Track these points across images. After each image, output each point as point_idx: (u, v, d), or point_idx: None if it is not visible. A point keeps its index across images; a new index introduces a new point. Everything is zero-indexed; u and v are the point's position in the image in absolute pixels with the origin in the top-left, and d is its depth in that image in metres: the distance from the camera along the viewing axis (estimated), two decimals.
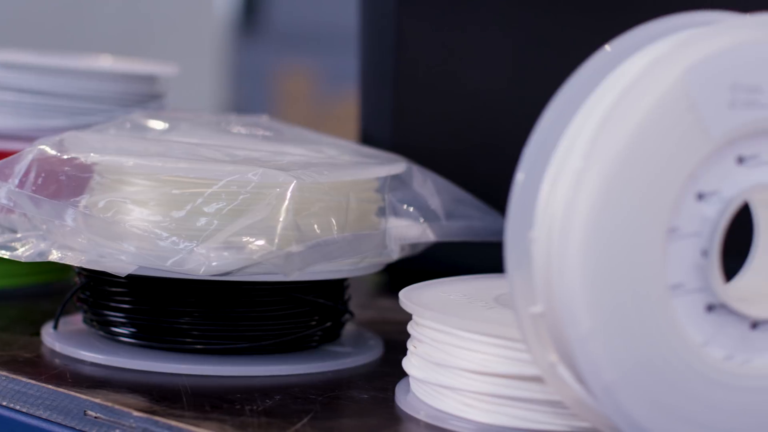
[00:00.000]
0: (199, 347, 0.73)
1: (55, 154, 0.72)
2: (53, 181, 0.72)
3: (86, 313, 0.76)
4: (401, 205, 0.76)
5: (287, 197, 0.68)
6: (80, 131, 0.76)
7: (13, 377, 0.69)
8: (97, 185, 0.73)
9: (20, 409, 0.68)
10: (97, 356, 0.72)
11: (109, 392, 0.67)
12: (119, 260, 0.69)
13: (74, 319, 0.79)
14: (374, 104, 0.96)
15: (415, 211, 0.77)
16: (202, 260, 0.67)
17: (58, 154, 0.72)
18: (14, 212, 0.73)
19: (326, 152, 0.77)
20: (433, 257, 0.85)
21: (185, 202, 0.69)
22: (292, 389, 0.68)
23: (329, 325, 0.75)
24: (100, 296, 0.74)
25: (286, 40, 3.30)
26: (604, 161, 0.54)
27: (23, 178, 0.72)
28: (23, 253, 0.71)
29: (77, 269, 0.76)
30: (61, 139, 0.74)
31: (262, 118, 0.85)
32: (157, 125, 0.80)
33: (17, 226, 0.73)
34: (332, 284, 0.75)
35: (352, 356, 0.75)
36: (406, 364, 0.67)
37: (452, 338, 0.63)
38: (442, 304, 0.66)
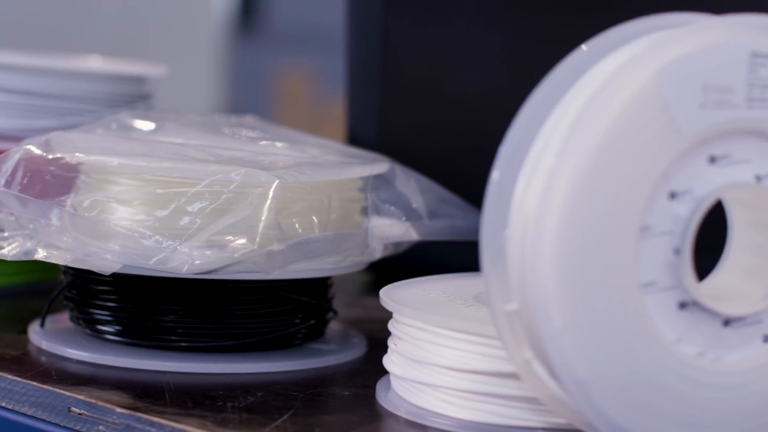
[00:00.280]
0: (183, 345, 0.73)
1: (41, 153, 0.73)
2: (39, 180, 0.72)
3: (72, 311, 0.77)
4: (384, 204, 0.77)
5: (269, 196, 0.68)
6: (67, 131, 0.77)
7: None
8: (83, 185, 0.74)
9: (5, 405, 0.69)
10: (82, 354, 0.73)
11: (93, 389, 0.67)
12: (104, 259, 0.70)
13: (61, 317, 0.80)
14: (361, 105, 0.96)
15: (398, 210, 0.77)
16: (185, 259, 0.68)
17: (44, 153, 0.73)
18: (1, 212, 0.74)
19: (310, 152, 0.78)
20: (420, 256, 0.86)
21: (169, 201, 0.70)
22: (274, 386, 0.69)
23: (313, 323, 0.76)
24: (86, 295, 0.75)
25: (284, 40, 3.31)
26: (576, 160, 0.54)
27: (10, 177, 0.72)
28: (9, 251, 0.72)
29: (63, 268, 0.76)
30: (47, 139, 0.75)
31: (247, 118, 0.85)
32: (143, 125, 0.80)
33: (4, 225, 0.74)
34: (316, 283, 0.76)
35: (335, 354, 0.76)
36: (386, 361, 0.68)
37: (431, 335, 0.64)
38: (421, 302, 0.67)
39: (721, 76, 0.56)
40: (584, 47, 0.59)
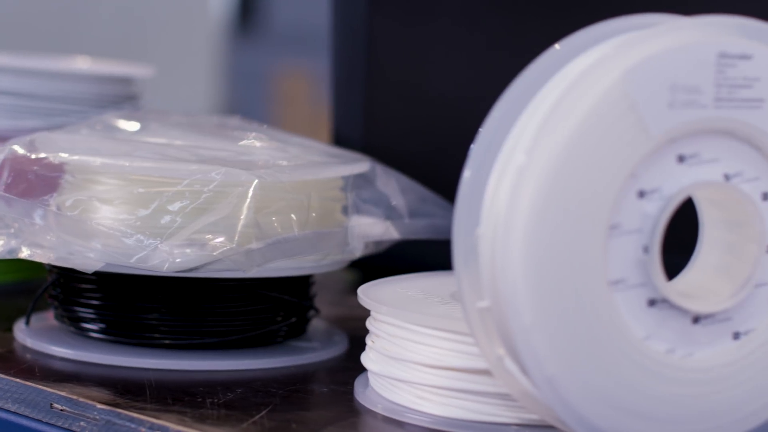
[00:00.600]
0: (166, 342, 0.74)
1: (25, 153, 0.74)
2: (23, 180, 0.73)
3: (57, 309, 0.78)
4: (365, 203, 0.78)
5: (249, 196, 0.69)
6: (51, 132, 0.78)
7: None
8: (67, 184, 0.75)
9: None
10: (66, 351, 0.74)
11: (75, 386, 0.68)
12: (87, 257, 0.71)
13: (47, 315, 0.81)
14: (345, 105, 0.97)
15: (378, 209, 0.78)
16: (165, 257, 0.69)
17: (28, 153, 0.74)
18: None
19: (291, 152, 0.79)
20: (405, 255, 0.86)
21: (150, 200, 0.71)
22: (254, 383, 0.70)
23: (294, 320, 0.77)
24: (70, 293, 0.76)
25: (283, 41, 3.31)
26: (545, 158, 0.55)
27: None
28: None
29: (48, 267, 0.77)
30: (32, 139, 0.76)
31: (231, 118, 0.86)
32: (127, 126, 0.81)
33: None
34: (297, 281, 0.77)
35: (316, 351, 0.77)
36: (364, 358, 0.69)
37: (407, 333, 0.65)
38: (398, 299, 0.68)
39: (689, 76, 0.57)
40: (557, 46, 0.60)
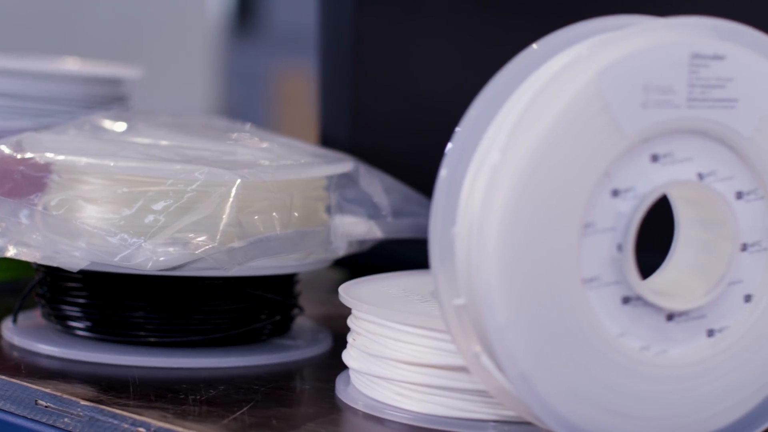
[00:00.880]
0: (152, 340, 0.75)
1: (11, 153, 0.75)
2: (9, 180, 0.74)
3: (44, 307, 0.78)
4: (349, 203, 0.79)
5: (231, 195, 0.70)
6: (38, 132, 0.79)
7: None
8: (54, 184, 0.76)
9: None
10: (52, 349, 0.75)
11: (60, 383, 0.69)
12: (72, 256, 0.72)
13: (35, 313, 0.82)
14: (333, 105, 0.98)
15: (362, 208, 0.79)
16: (149, 255, 0.70)
17: (14, 154, 0.75)
18: None
19: (275, 152, 0.79)
20: (394, 254, 0.87)
21: (134, 200, 0.71)
22: (237, 380, 0.71)
23: (278, 319, 0.78)
24: (56, 291, 0.77)
25: (282, 41, 3.32)
26: (519, 158, 0.56)
27: None
28: None
29: (35, 265, 0.78)
30: (18, 139, 0.76)
31: (219, 118, 0.87)
32: (114, 126, 0.82)
33: None
34: (282, 279, 0.77)
35: (300, 349, 0.77)
36: (345, 356, 0.69)
37: (386, 330, 0.65)
38: (379, 297, 0.68)
39: (662, 76, 0.58)
40: (535, 46, 0.60)
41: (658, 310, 0.59)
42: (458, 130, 0.60)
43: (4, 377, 0.70)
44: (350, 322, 0.69)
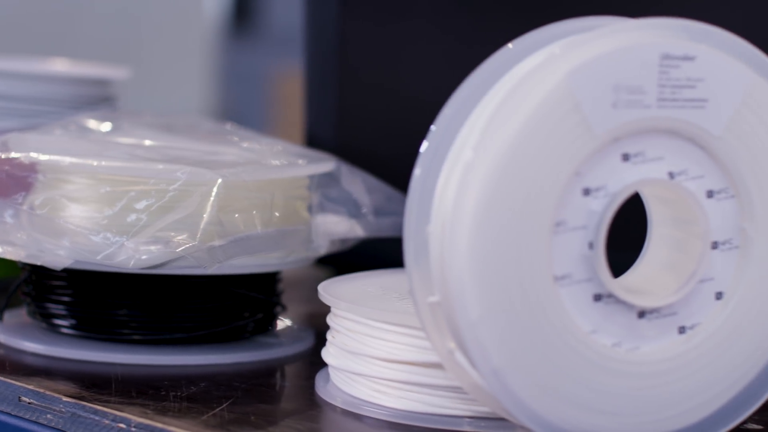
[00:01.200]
0: (136, 338, 0.76)
1: None
2: None
3: (29, 306, 0.79)
4: (331, 202, 0.80)
5: (212, 194, 0.71)
6: (24, 132, 0.80)
7: None
8: (40, 184, 0.77)
9: None
10: (37, 347, 0.76)
11: (43, 380, 0.70)
12: (56, 255, 0.72)
13: (21, 312, 0.83)
14: (318, 106, 0.99)
15: (344, 207, 0.80)
16: (131, 254, 0.71)
17: (0, 154, 0.76)
18: None
19: (259, 152, 0.80)
20: (381, 253, 0.88)
21: (117, 199, 0.72)
22: (218, 377, 0.72)
23: (261, 317, 0.78)
24: (41, 290, 0.78)
25: (280, 42, 3.33)
26: (491, 156, 0.57)
27: None
28: None
29: (21, 264, 0.79)
30: (4, 140, 0.77)
31: (204, 119, 0.88)
32: (100, 126, 0.83)
33: None
34: (265, 278, 0.78)
35: (282, 347, 0.78)
36: (324, 353, 0.70)
37: (364, 327, 0.66)
38: (357, 295, 0.69)
39: (632, 77, 0.58)
40: (510, 45, 0.61)
41: (629, 307, 0.60)
42: (433, 128, 0.60)
43: None
44: (329, 319, 0.70)
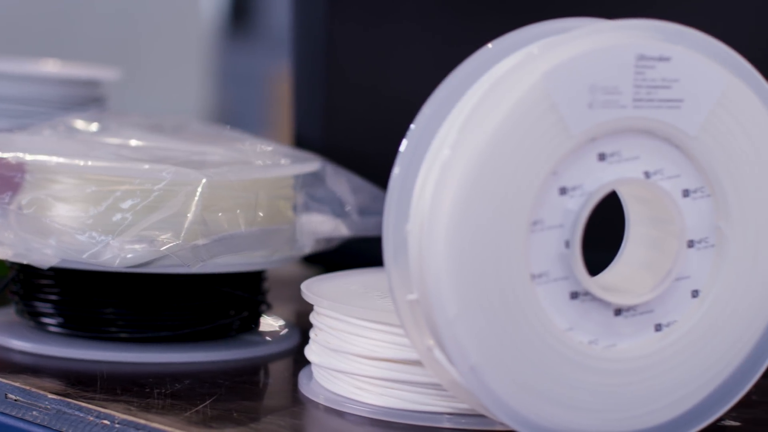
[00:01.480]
0: (123, 336, 0.77)
1: None
2: None
3: (17, 304, 0.80)
4: (316, 202, 0.80)
5: (197, 194, 0.72)
6: (12, 132, 0.80)
7: None
8: (28, 183, 0.77)
9: None
10: (25, 345, 0.77)
11: (30, 377, 0.71)
12: (43, 254, 0.73)
13: (9, 310, 0.83)
14: (306, 106, 0.99)
15: (328, 207, 0.81)
16: (116, 253, 0.71)
17: None
18: None
19: (245, 152, 0.81)
20: (368, 252, 0.88)
21: (103, 198, 0.73)
22: (202, 375, 0.72)
23: (246, 315, 0.79)
24: (29, 288, 0.79)
25: (278, 43, 3.33)
26: (468, 155, 0.57)
27: None
28: None
29: (9, 263, 0.80)
30: None
31: (190, 120, 0.89)
32: (88, 127, 0.84)
33: None
34: (250, 277, 0.79)
35: (267, 345, 0.79)
36: (307, 351, 0.71)
37: (345, 325, 0.67)
38: (339, 294, 0.70)
39: (608, 77, 0.59)
40: (490, 45, 0.62)
41: (605, 305, 0.61)
42: (412, 127, 0.61)
43: None
44: (312, 317, 0.70)
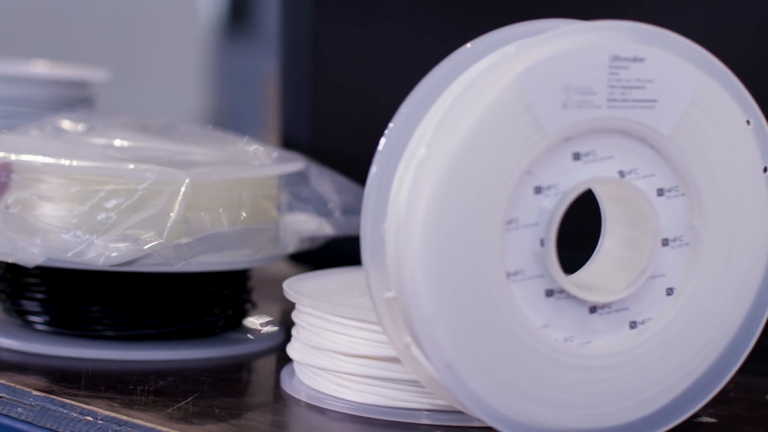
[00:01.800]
0: (108, 334, 0.78)
1: None
2: None
3: (5, 303, 0.81)
4: (300, 201, 0.81)
5: (180, 193, 0.73)
6: (0, 133, 0.81)
7: None
8: (14, 183, 0.78)
9: None
10: (12, 342, 0.78)
11: (15, 374, 0.72)
12: (29, 253, 0.74)
13: None
14: (293, 108, 1.00)
15: (313, 206, 0.82)
16: (101, 251, 0.72)
17: None
18: None
19: (229, 152, 0.82)
20: (355, 251, 0.89)
21: (88, 198, 0.74)
22: (185, 372, 0.73)
23: (231, 313, 0.80)
24: (16, 287, 0.79)
25: (277, 43, 3.34)
26: (443, 154, 0.58)
27: None
28: None
29: None
30: None
31: (178, 121, 0.90)
32: (75, 127, 0.85)
33: None
34: (235, 275, 0.80)
35: (251, 343, 0.80)
36: (289, 348, 0.72)
37: (325, 323, 0.68)
38: (320, 292, 0.71)
39: (582, 78, 0.60)
40: (468, 45, 0.63)
41: (580, 302, 0.62)
42: (390, 126, 0.62)
43: None
44: (294, 315, 0.71)
